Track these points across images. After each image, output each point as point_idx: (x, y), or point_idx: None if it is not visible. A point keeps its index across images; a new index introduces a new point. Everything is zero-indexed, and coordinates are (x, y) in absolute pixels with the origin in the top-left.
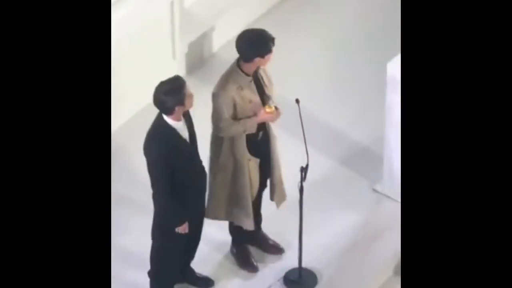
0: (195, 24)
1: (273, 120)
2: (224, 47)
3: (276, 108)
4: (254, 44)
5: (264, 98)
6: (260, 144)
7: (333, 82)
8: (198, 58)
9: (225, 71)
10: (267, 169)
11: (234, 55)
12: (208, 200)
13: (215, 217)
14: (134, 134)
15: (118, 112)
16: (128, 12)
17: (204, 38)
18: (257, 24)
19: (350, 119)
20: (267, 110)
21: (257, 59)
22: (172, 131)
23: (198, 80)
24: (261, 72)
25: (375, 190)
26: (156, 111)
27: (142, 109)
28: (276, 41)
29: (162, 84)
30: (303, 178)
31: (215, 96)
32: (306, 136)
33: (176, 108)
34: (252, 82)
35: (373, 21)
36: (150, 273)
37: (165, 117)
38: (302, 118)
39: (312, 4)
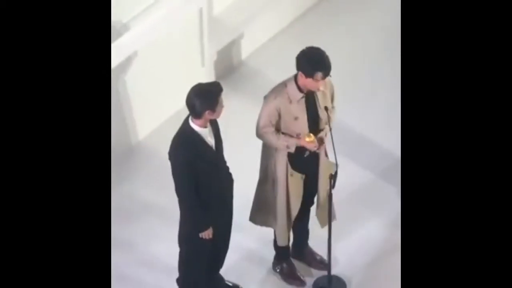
0: (224, 31)
1: (314, 148)
2: (253, 54)
3: (320, 138)
4: (305, 58)
5: (316, 120)
6: (307, 160)
7: (365, 90)
8: (227, 65)
9: (285, 79)
10: (314, 185)
11: (263, 62)
12: (253, 204)
13: (253, 221)
14: (164, 141)
15: (147, 119)
16: (157, 20)
17: (232, 46)
18: (285, 32)
19: (380, 126)
20: (307, 139)
21: (301, 73)
22: (198, 137)
23: (227, 87)
24: (319, 93)
25: None
26: (184, 116)
27: (171, 116)
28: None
29: (198, 86)
30: (332, 186)
31: (264, 100)
32: (335, 143)
33: (206, 113)
34: (303, 99)
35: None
36: (178, 280)
37: (192, 123)
38: (332, 126)
39: (339, 14)
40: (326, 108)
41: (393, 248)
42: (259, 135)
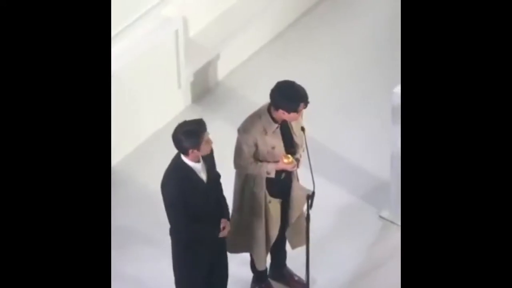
0: (200, 53)
1: (292, 169)
2: (229, 75)
3: (297, 159)
4: (284, 96)
5: (293, 146)
6: (283, 184)
7: (341, 110)
8: (203, 86)
9: (257, 109)
10: (288, 208)
11: (239, 83)
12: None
13: (231, 251)
14: (142, 162)
15: (124, 141)
16: (133, 41)
17: (209, 67)
18: (262, 52)
19: (357, 146)
20: (285, 160)
21: (281, 111)
22: (190, 171)
23: (204, 109)
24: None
25: (381, 217)
26: (162, 138)
27: (148, 138)
28: (280, 69)
29: (183, 124)
30: (309, 206)
31: (239, 133)
32: (312, 164)
33: (190, 151)
34: (278, 129)
35: (383, 47)
36: None
37: (184, 158)
38: (309, 146)
39: (317, 32)
40: (303, 128)
41: (371, 268)
42: (237, 166)
